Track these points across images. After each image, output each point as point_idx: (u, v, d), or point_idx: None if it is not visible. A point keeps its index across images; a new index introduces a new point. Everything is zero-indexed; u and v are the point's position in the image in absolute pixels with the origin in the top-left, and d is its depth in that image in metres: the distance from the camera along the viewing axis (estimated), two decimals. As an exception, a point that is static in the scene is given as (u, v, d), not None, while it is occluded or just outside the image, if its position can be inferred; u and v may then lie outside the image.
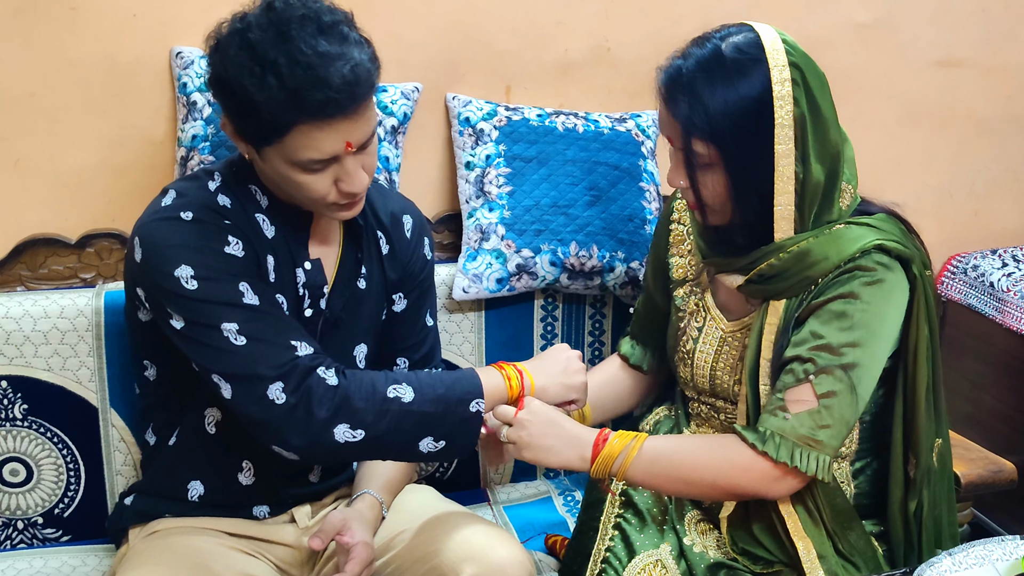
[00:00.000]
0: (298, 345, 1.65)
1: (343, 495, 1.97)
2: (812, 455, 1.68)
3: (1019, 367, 2.75)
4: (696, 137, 1.69)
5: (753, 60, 1.68)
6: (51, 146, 2.19)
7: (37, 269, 2.19)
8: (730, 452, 1.71)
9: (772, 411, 1.71)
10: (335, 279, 1.84)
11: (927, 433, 1.80)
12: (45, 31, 2.13)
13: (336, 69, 1.56)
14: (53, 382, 2.09)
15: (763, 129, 1.68)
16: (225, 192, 1.74)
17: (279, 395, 1.61)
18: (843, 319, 1.69)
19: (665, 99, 1.73)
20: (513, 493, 2.38)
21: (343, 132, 1.61)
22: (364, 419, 1.63)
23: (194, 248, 1.65)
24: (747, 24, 1.74)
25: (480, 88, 2.42)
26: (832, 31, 2.65)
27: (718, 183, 1.72)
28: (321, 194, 1.67)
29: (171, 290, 1.64)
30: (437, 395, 1.66)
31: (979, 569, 1.61)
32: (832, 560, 1.75)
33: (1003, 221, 2.96)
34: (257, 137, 1.63)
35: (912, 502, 1.82)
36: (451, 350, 2.33)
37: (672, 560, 1.80)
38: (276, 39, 1.56)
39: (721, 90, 1.67)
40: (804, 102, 1.69)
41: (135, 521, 1.89)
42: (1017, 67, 2.83)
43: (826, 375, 1.68)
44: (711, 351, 1.88)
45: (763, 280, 1.76)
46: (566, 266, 2.30)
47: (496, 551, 1.73)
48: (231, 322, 1.63)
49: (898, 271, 1.73)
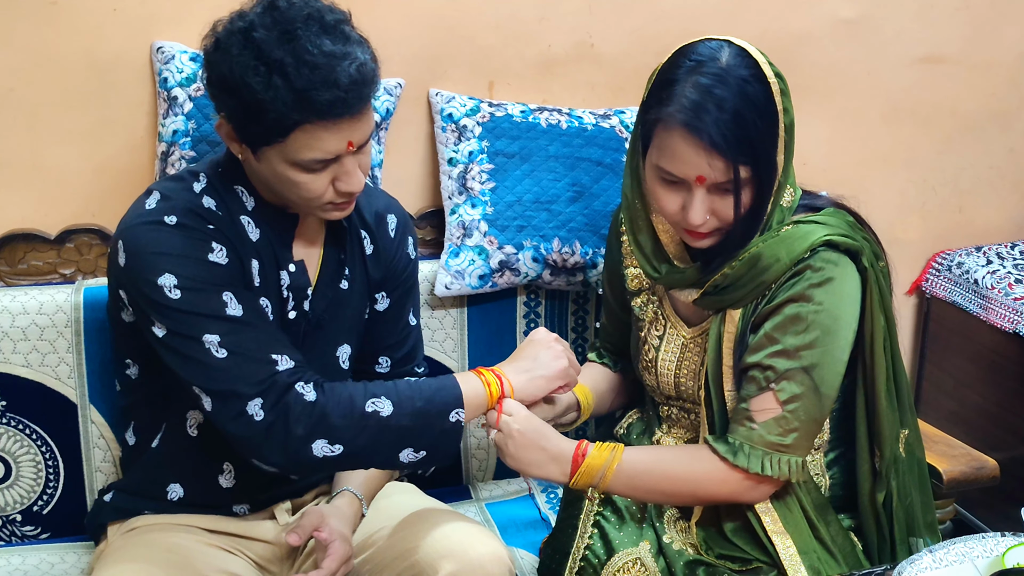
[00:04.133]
0: (278, 359, 1.64)
1: (323, 492, 1.97)
2: (784, 459, 1.71)
3: (1003, 364, 2.75)
4: (743, 164, 1.67)
5: (760, 78, 1.68)
6: (31, 141, 2.18)
7: (16, 264, 2.18)
8: (705, 465, 1.74)
9: (740, 420, 1.73)
10: (317, 280, 1.84)
11: (890, 424, 1.81)
12: (25, 26, 2.12)
13: (343, 69, 1.56)
14: (32, 379, 2.08)
15: (780, 144, 1.70)
16: (211, 194, 1.73)
17: (258, 412, 1.61)
18: (797, 322, 1.70)
19: (712, 145, 1.65)
20: (496, 490, 2.38)
21: (346, 132, 1.61)
22: (343, 435, 1.63)
23: (178, 256, 1.64)
24: (723, 40, 1.72)
25: (463, 84, 2.41)
26: (816, 27, 2.64)
27: (748, 199, 1.70)
28: (317, 194, 1.66)
29: (154, 298, 1.64)
30: (416, 408, 1.65)
31: (959, 566, 1.62)
32: (813, 555, 1.75)
33: (987, 218, 2.96)
34: (258, 138, 1.62)
35: (880, 494, 1.82)
36: (433, 347, 2.33)
37: (651, 558, 1.80)
38: (282, 38, 1.55)
39: (760, 119, 1.66)
40: (792, 110, 1.71)
41: (114, 517, 1.88)
42: (1000, 63, 2.83)
43: (787, 380, 1.70)
44: (673, 358, 1.88)
45: (718, 291, 1.76)
46: (548, 262, 2.30)
47: (475, 548, 1.72)
48: (213, 334, 1.63)
49: (847, 265, 1.73)
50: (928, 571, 1.60)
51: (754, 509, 1.76)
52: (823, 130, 2.72)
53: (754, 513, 1.77)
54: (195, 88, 2.13)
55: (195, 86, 2.13)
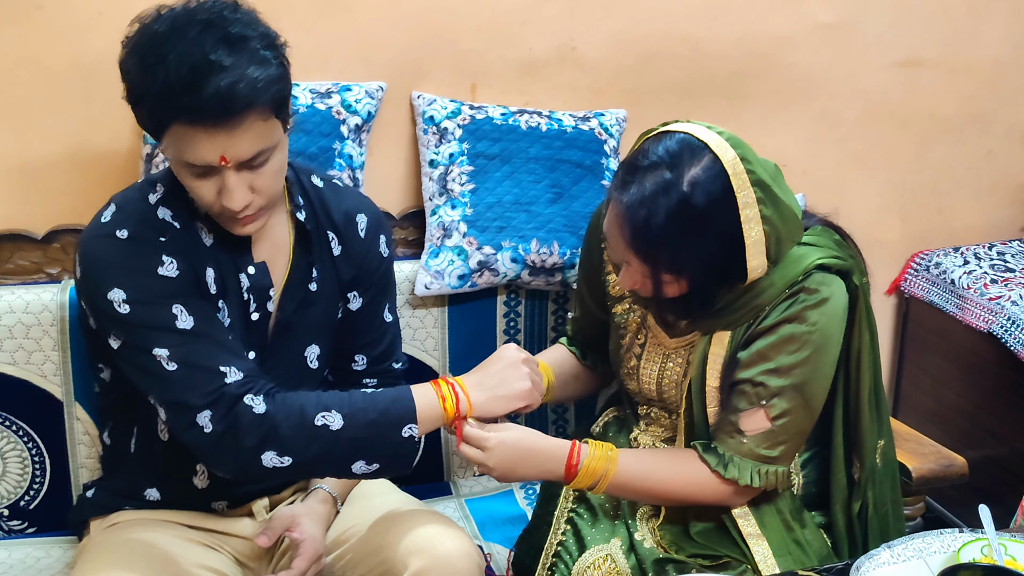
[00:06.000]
0: (227, 371, 1.66)
1: (301, 488, 2.00)
2: (771, 470, 1.77)
3: (979, 364, 2.79)
4: (665, 272, 1.71)
5: (721, 202, 1.67)
6: (17, 142, 2.21)
7: (3, 264, 2.21)
8: (695, 475, 1.78)
9: (729, 432, 1.78)
10: (286, 282, 1.85)
11: (870, 435, 1.85)
12: (11, 29, 2.15)
13: (215, 80, 1.53)
14: (18, 376, 2.11)
15: (732, 250, 1.71)
16: (165, 203, 1.75)
17: (207, 423, 1.63)
18: (792, 342, 1.74)
19: (631, 246, 1.69)
20: (476, 487, 2.41)
21: (218, 144, 1.58)
22: (292, 446, 1.64)
23: (128, 269, 1.66)
24: (698, 139, 1.69)
25: (445, 87, 2.44)
26: (796, 31, 2.67)
27: (682, 287, 1.74)
28: (207, 202, 1.66)
29: (106, 311, 1.67)
30: (369, 420, 1.66)
31: (916, 561, 1.65)
32: (789, 558, 1.79)
33: (965, 219, 3.00)
34: (147, 128, 1.63)
35: (856, 503, 1.86)
36: (415, 345, 2.36)
37: (622, 555, 1.84)
38: (172, 35, 1.56)
39: (694, 242, 1.68)
40: (774, 215, 1.71)
41: (96, 513, 1.92)
42: (978, 67, 2.86)
43: (779, 398, 1.74)
44: (655, 367, 1.91)
45: (712, 315, 1.80)
46: (527, 262, 2.33)
47: (444, 544, 1.75)
48: (163, 347, 1.65)
49: (839, 286, 1.77)
50: (885, 567, 1.64)
51: (730, 513, 1.81)
52: (803, 132, 2.75)
53: (730, 517, 1.81)
54: (179, 91, 2.15)
55: (179, 89, 2.15)
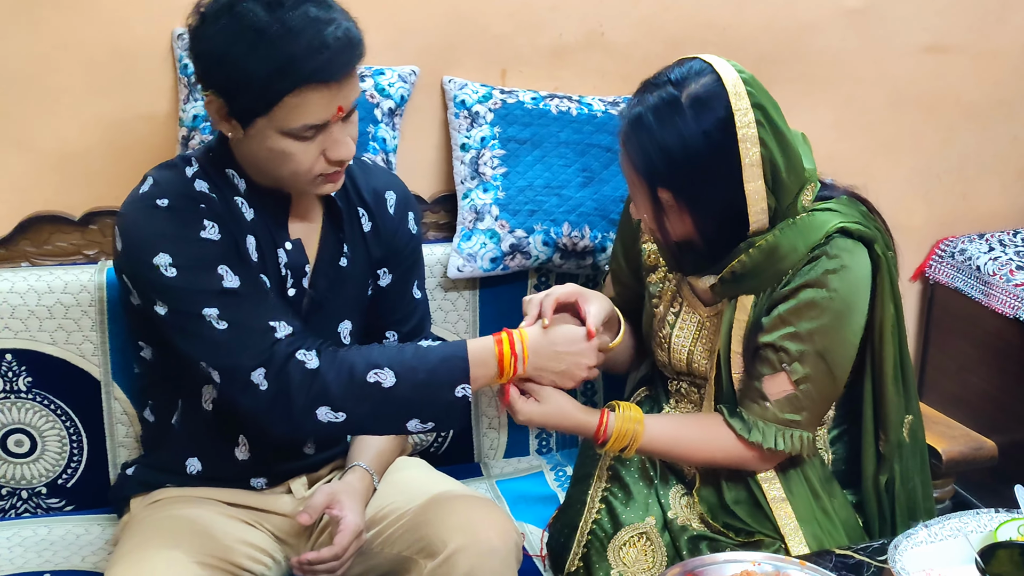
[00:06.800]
0: (276, 325, 1.68)
1: (338, 466, 2.02)
2: (796, 435, 1.78)
3: (1005, 348, 2.80)
4: (660, 187, 1.74)
5: (712, 109, 1.70)
6: (55, 126, 2.23)
7: (42, 245, 2.24)
8: (720, 440, 1.81)
9: (753, 398, 1.80)
10: (316, 259, 1.87)
11: (896, 409, 1.86)
12: (50, 14, 2.17)
13: (330, 32, 1.60)
14: (57, 355, 2.14)
15: (729, 171, 1.72)
16: (202, 177, 1.77)
17: (262, 380, 1.66)
18: (812, 308, 1.76)
19: (626, 148, 1.76)
20: (506, 468, 2.44)
21: (334, 97, 1.64)
22: (344, 404, 1.67)
23: (171, 236, 1.69)
24: (706, 62, 1.75)
25: (476, 72, 2.46)
26: (822, 17, 2.68)
27: (685, 223, 1.77)
28: (307, 166, 1.69)
29: (152, 279, 1.69)
30: (419, 380, 1.67)
31: (953, 541, 1.67)
32: (815, 524, 1.82)
33: (990, 205, 3.00)
34: (248, 110, 1.64)
35: (883, 476, 1.88)
36: (446, 328, 2.38)
37: (656, 532, 1.86)
38: (266, 8, 1.59)
39: (682, 141, 1.70)
40: (772, 141, 1.73)
41: (137, 491, 1.94)
42: (1004, 53, 2.87)
43: (800, 363, 1.76)
44: (688, 336, 1.93)
45: (736, 278, 1.81)
46: (559, 246, 2.35)
47: (483, 523, 1.77)
48: (212, 307, 1.67)
49: (861, 253, 1.78)
50: (923, 545, 1.66)
51: (756, 479, 1.83)
52: (829, 117, 2.76)
53: (756, 482, 1.83)
54: (215, 74, 2.18)
55: (215, 72, 2.18)
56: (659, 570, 1.83)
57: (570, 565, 1.87)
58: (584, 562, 1.86)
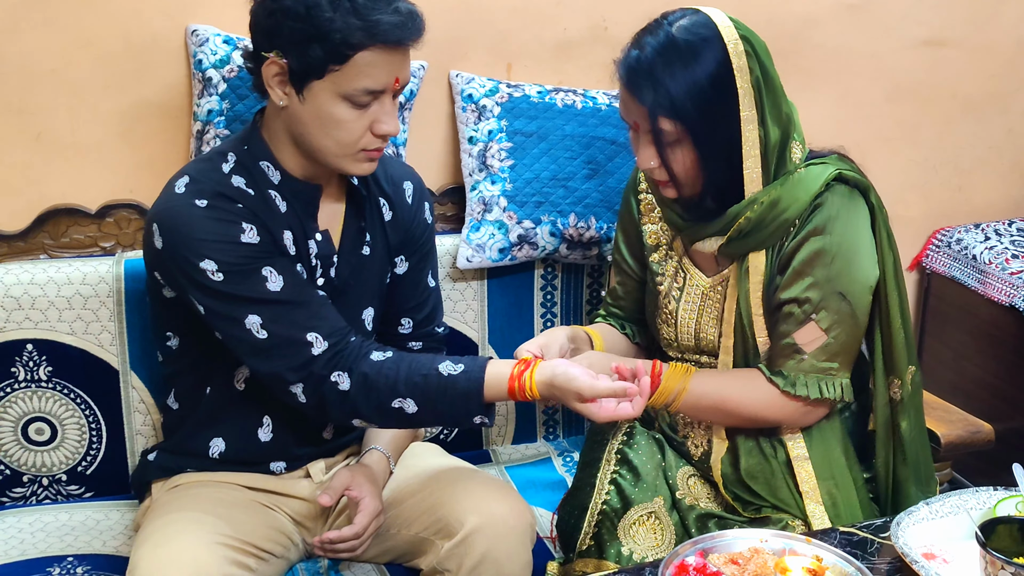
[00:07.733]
0: (314, 340, 1.75)
1: (354, 452, 2.07)
2: (836, 381, 1.88)
3: (1000, 337, 2.85)
4: (662, 116, 1.80)
5: (705, 39, 1.81)
6: (71, 120, 2.27)
7: (59, 238, 2.27)
8: (764, 396, 1.88)
9: (787, 355, 1.87)
10: (340, 248, 1.92)
11: (903, 357, 1.93)
12: (66, 9, 2.21)
13: (403, 4, 1.71)
14: (76, 345, 2.18)
15: (726, 99, 1.81)
16: (239, 172, 1.82)
17: (300, 394, 1.78)
18: (823, 255, 1.84)
19: (627, 87, 1.84)
20: (515, 454, 2.49)
21: (397, 65, 1.72)
22: (372, 420, 1.82)
23: (214, 241, 1.74)
24: (692, 7, 1.87)
25: (482, 66, 2.50)
26: (820, 10, 2.73)
27: (687, 157, 1.83)
28: (356, 136, 1.75)
29: (198, 280, 1.74)
30: (439, 411, 1.77)
31: (954, 517, 1.72)
32: (831, 482, 1.91)
33: (986, 196, 3.06)
34: (311, 69, 1.69)
35: (903, 420, 1.94)
36: (455, 317, 2.43)
37: (665, 511, 1.91)
38: None
39: (680, 70, 1.79)
40: (758, 70, 1.82)
41: (158, 476, 1.99)
42: (1000, 46, 2.92)
43: (824, 310, 1.84)
44: (694, 307, 1.99)
45: (742, 236, 1.88)
46: (565, 236, 2.40)
47: (498, 502, 1.83)
48: (255, 315, 1.74)
49: (858, 199, 1.88)
50: (925, 522, 1.71)
51: (782, 439, 1.92)
52: (827, 110, 2.80)
53: (781, 442, 1.92)
54: (228, 70, 2.22)
55: (228, 67, 2.22)
56: (668, 548, 1.88)
57: (581, 544, 1.91)
58: (595, 540, 1.90)
